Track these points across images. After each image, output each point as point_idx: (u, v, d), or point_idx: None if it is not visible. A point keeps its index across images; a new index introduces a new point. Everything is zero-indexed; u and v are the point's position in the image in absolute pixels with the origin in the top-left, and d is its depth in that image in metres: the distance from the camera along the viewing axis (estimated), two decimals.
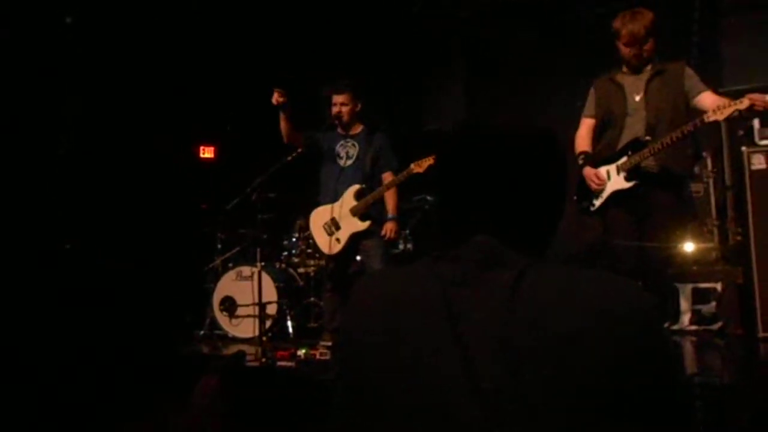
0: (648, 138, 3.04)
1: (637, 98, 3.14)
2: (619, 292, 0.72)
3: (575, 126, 3.43)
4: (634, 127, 3.12)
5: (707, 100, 3.00)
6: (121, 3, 5.00)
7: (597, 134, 3.31)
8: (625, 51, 3.11)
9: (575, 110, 3.56)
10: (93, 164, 4.98)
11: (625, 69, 3.21)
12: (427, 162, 3.59)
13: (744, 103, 2.77)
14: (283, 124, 3.84)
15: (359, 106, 3.90)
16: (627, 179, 3.08)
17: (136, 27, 5.20)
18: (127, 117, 5.28)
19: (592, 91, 3.36)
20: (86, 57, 4.96)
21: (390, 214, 3.79)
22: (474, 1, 5.67)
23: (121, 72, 5.21)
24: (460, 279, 0.77)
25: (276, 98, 3.71)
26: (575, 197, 3.32)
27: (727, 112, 2.80)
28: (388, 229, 3.76)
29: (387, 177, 3.82)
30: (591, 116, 3.34)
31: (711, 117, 2.85)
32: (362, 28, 5.91)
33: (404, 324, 0.78)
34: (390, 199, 3.80)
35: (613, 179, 3.13)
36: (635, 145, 3.07)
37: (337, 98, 3.84)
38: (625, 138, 3.13)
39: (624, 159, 3.10)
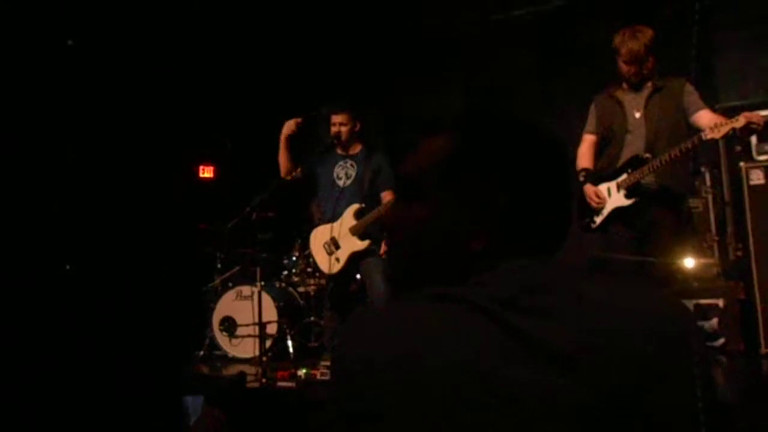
0: (648, 155, 3.06)
1: (637, 115, 3.15)
2: (676, 311, 0.72)
3: (574, 146, 3.44)
4: (634, 144, 3.13)
5: (704, 118, 3.02)
6: (122, 23, 5.04)
7: (598, 151, 3.31)
8: (624, 68, 3.13)
9: (574, 131, 3.57)
10: (92, 183, 4.98)
11: (625, 86, 3.22)
12: None
13: (740, 122, 2.79)
14: (284, 158, 3.87)
15: (358, 125, 3.91)
16: (627, 196, 3.10)
17: (137, 45, 5.24)
18: (126, 136, 5.29)
19: (592, 107, 3.37)
20: (86, 77, 4.99)
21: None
22: (473, 22, 5.73)
23: (121, 91, 5.24)
24: (510, 304, 0.68)
25: (291, 127, 3.72)
26: (576, 214, 3.33)
27: (724, 130, 2.82)
28: (385, 244, 3.76)
29: (386, 196, 3.82)
30: (592, 132, 3.35)
31: (708, 135, 2.87)
32: (361, 49, 5.95)
33: (457, 359, 0.65)
34: None
35: (613, 196, 3.14)
36: (635, 163, 3.09)
37: (336, 118, 3.85)
38: (626, 155, 3.15)
39: (624, 176, 3.11)
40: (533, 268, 0.72)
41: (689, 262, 4.28)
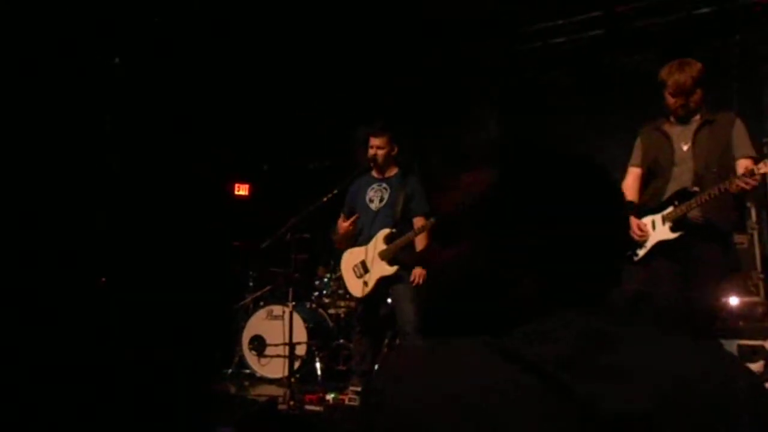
0: (696, 189, 2.96)
1: (685, 148, 3.07)
2: (736, 368, 0.67)
3: (611, 169, 3.37)
4: (681, 178, 3.05)
5: (740, 168, 2.94)
6: (160, 44, 5.17)
7: (643, 184, 3.24)
8: (671, 101, 3.07)
9: (613, 155, 3.50)
10: (128, 199, 5.07)
11: (672, 119, 3.15)
12: None
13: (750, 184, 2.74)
14: (343, 240, 3.97)
15: (395, 149, 3.90)
16: (672, 230, 3.01)
17: (175, 66, 5.36)
18: (162, 153, 5.39)
19: (638, 140, 3.29)
20: (124, 95, 5.12)
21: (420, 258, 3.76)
22: (511, 45, 5.72)
23: (158, 110, 5.35)
24: (568, 362, 0.61)
25: (346, 227, 3.86)
26: None
27: (740, 185, 2.76)
28: (417, 275, 3.72)
29: (418, 221, 3.79)
30: (637, 165, 3.26)
31: (760, 170, 2.76)
32: (397, 72, 5.98)
33: (503, 424, 0.59)
34: (420, 243, 3.76)
35: (658, 229, 3.06)
36: (682, 196, 3.00)
37: (374, 141, 3.85)
38: (672, 188, 3.06)
39: (670, 209, 3.03)
40: (588, 319, 0.65)
41: (734, 300, 4.13)
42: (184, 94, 5.47)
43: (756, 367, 3.68)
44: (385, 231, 3.77)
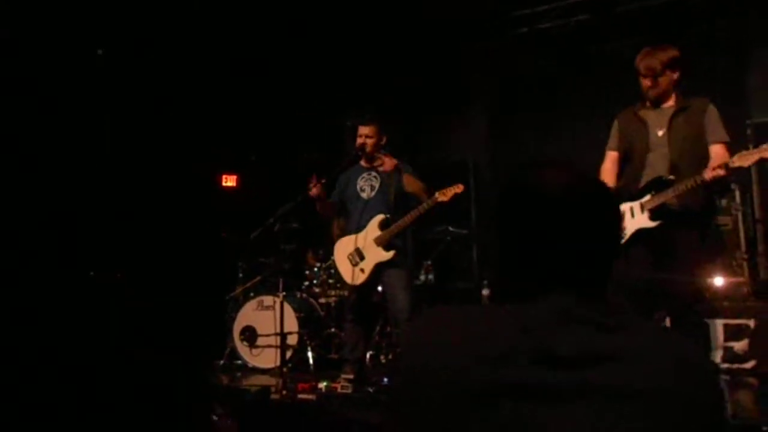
0: (672, 177, 2.99)
1: (660, 134, 3.09)
2: (691, 354, 0.84)
3: (597, 157, 3.38)
4: (656, 164, 3.07)
5: (713, 152, 2.97)
6: (148, 36, 5.11)
7: (620, 168, 3.26)
8: (642, 84, 3.11)
9: (598, 141, 3.51)
10: (117, 190, 5.04)
11: (648, 104, 3.17)
12: (453, 191, 3.56)
13: (719, 172, 2.77)
14: (321, 210, 3.94)
15: (384, 139, 3.90)
16: (651, 218, 3.02)
17: (163, 58, 5.31)
18: (149, 145, 5.35)
19: (615, 123, 3.32)
20: (113, 86, 5.07)
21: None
22: (498, 33, 5.71)
23: (146, 101, 5.30)
24: (543, 327, 0.82)
25: (317, 193, 3.78)
26: None
27: (753, 158, 2.78)
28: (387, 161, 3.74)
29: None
30: (614, 149, 3.30)
31: (734, 163, 2.81)
32: (385, 60, 5.97)
33: (488, 363, 0.80)
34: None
35: (636, 217, 3.07)
36: (659, 184, 3.02)
37: (363, 130, 3.85)
38: (648, 175, 3.08)
39: (648, 197, 3.04)
40: (570, 301, 0.85)
41: (719, 281, 4.19)
42: (171, 86, 5.43)
43: (741, 345, 3.75)
44: (380, 217, 3.78)
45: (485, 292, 4.76)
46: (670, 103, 3.11)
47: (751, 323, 3.79)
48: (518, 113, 5.89)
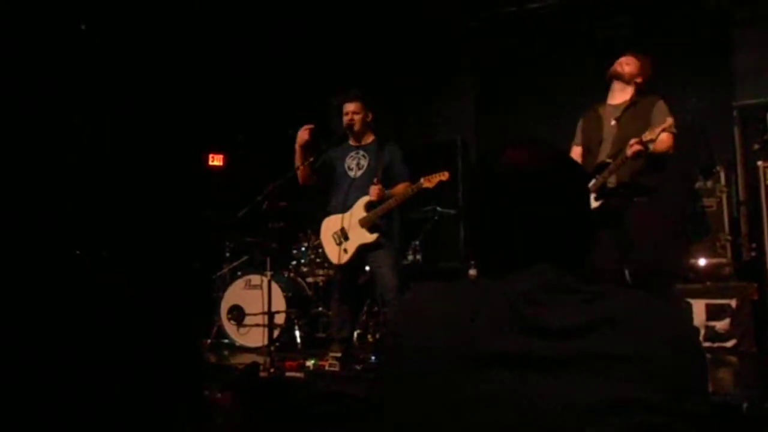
0: (609, 160, 3.28)
1: (612, 123, 3.38)
2: (674, 319, 0.85)
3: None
4: (605, 152, 3.36)
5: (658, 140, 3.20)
6: (133, 12, 5.02)
7: (584, 161, 3.47)
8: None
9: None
10: (101, 171, 4.98)
11: (607, 101, 3.46)
12: (438, 178, 3.57)
13: (668, 123, 3.10)
14: (300, 165, 3.80)
15: (370, 116, 3.88)
16: (596, 199, 3.28)
17: (147, 35, 5.22)
18: (135, 124, 5.29)
19: (580, 121, 3.62)
20: (97, 64, 4.98)
21: (395, 195, 3.72)
22: (484, 11, 5.67)
23: (131, 79, 5.22)
24: (529, 299, 0.84)
25: (304, 136, 3.70)
26: None
27: (658, 130, 3.09)
28: (375, 190, 3.69)
29: (400, 188, 3.80)
30: (578, 144, 3.59)
31: (646, 137, 3.09)
32: (372, 39, 5.91)
33: (476, 334, 0.82)
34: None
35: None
36: (600, 168, 3.31)
37: (349, 107, 3.83)
38: (599, 161, 3.36)
39: (593, 181, 3.29)
40: (551, 271, 0.88)
41: (701, 261, 4.25)
42: (158, 65, 5.34)
43: (722, 324, 3.81)
44: (366, 198, 3.76)
45: (472, 271, 4.79)
46: (626, 98, 3.41)
47: (733, 303, 3.86)
48: (507, 93, 5.88)
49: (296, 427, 2.67)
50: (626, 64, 3.42)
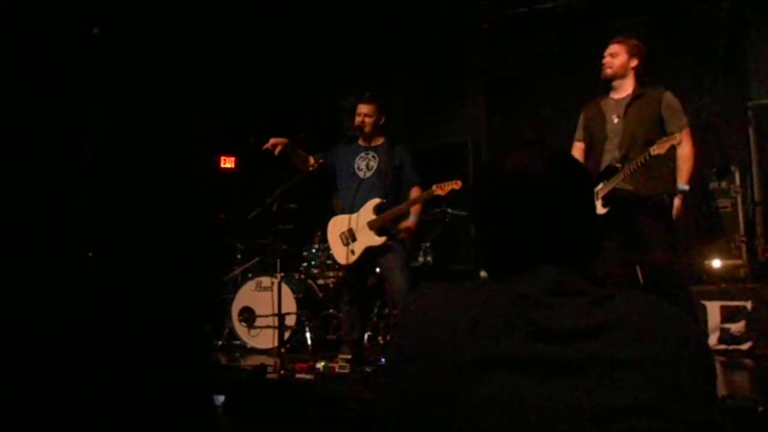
0: (618, 165, 3.09)
1: (616, 121, 3.19)
2: (681, 321, 0.84)
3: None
4: (612, 152, 3.16)
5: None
6: (146, 16, 5.05)
7: (586, 158, 3.34)
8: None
9: None
10: (114, 173, 5.02)
11: (610, 95, 3.27)
12: (450, 186, 3.57)
13: (677, 139, 2.86)
14: (296, 161, 3.87)
15: (383, 119, 3.86)
16: (603, 206, 3.11)
17: (159, 38, 5.25)
18: (148, 127, 5.32)
19: (581, 115, 3.44)
20: (110, 67, 5.02)
21: (411, 217, 3.74)
22: (494, 13, 5.65)
23: (143, 82, 5.26)
24: (534, 301, 0.83)
25: (277, 152, 3.74)
26: None
27: (666, 146, 2.86)
28: (405, 230, 3.72)
29: (413, 192, 3.79)
30: (579, 140, 3.42)
31: (654, 151, 2.89)
32: (382, 41, 5.91)
33: (480, 337, 0.81)
34: (414, 208, 3.77)
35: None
36: (608, 172, 3.12)
37: (362, 108, 3.81)
38: (605, 161, 3.18)
39: (600, 185, 3.14)
40: (555, 272, 0.87)
41: (716, 263, 4.19)
42: (169, 68, 5.38)
43: (738, 327, 3.76)
44: (376, 201, 3.74)
45: (483, 273, 4.77)
46: (628, 91, 3.20)
47: (749, 305, 3.80)
48: (517, 94, 5.85)
49: (305, 430, 2.67)
50: (613, 58, 3.21)
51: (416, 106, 6.32)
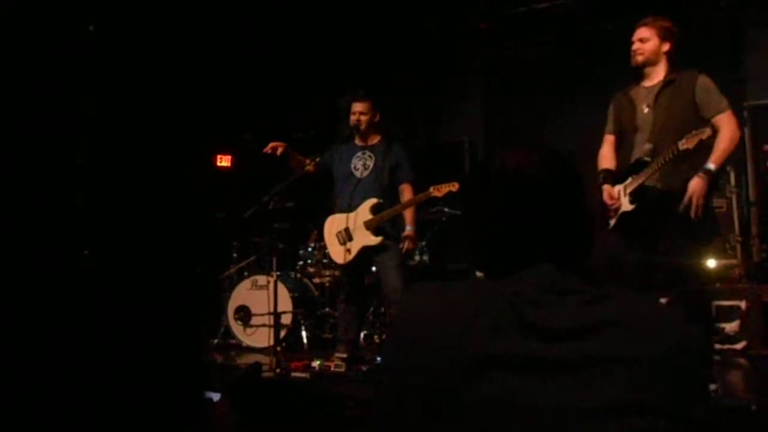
0: (648, 159, 2.89)
1: (646, 110, 2.96)
2: (676, 321, 0.84)
3: (593, 139, 3.34)
4: (642, 145, 2.95)
5: (719, 123, 2.80)
6: (143, 14, 5.04)
7: (617, 151, 3.18)
8: (631, 52, 3.02)
9: (593, 122, 3.47)
10: (109, 171, 5.00)
11: (641, 83, 3.05)
12: (447, 188, 3.57)
13: (706, 133, 2.67)
14: (293, 162, 3.93)
15: (378, 116, 3.87)
16: (631, 202, 2.95)
17: (154, 35, 5.23)
18: (143, 124, 5.30)
19: (611, 106, 3.23)
20: (107, 65, 5.00)
21: (408, 226, 3.76)
22: (492, 13, 5.65)
23: (140, 80, 5.24)
24: (529, 300, 0.83)
25: (278, 153, 3.81)
26: (602, 213, 3.22)
27: (694, 141, 2.67)
28: (407, 241, 3.73)
29: (405, 188, 3.79)
30: (610, 132, 3.21)
31: (683, 145, 2.70)
32: (381, 40, 5.91)
33: (475, 336, 0.82)
34: (408, 212, 3.77)
35: (621, 200, 3.04)
36: (637, 166, 2.93)
37: (357, 106, 3.82)
38: (636, 154, 2.98)
39: (629, 180, 2.97)
40: (550, 272, 0.87)
41: (711, 263, 4.20)
42: (165, 66, 5.35)
43: (732, 326, 3.77)
44: (373, 200, 3.75)
45: (479, 273, 4.77)
46: (660, 78, 2.96)
47: (743, 305, 3.82)
48: (514, 94, 5.86)
49: (300, 429, 2.67)
50: (643, 43, 2.94)
51: (413, 106, 6.32)
